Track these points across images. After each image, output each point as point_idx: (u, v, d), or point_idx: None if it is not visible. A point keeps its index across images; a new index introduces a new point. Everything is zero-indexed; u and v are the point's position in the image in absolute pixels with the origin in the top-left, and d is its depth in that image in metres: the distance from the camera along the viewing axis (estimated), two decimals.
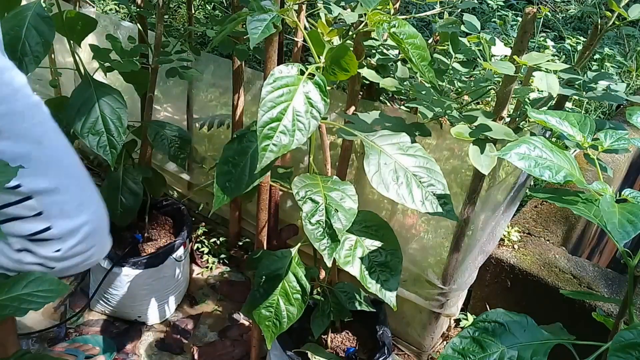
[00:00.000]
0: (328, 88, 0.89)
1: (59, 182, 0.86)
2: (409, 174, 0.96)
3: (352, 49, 1.28)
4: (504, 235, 1.63)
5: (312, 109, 0.87)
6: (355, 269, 1.03)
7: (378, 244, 1.06)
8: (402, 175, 0.95)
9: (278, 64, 1.30)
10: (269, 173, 1.13)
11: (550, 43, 2.94)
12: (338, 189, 0.96)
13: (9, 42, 1.17)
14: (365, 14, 0.93)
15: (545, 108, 1.18)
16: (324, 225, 0.91)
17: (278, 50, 1.32)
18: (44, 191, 0.84)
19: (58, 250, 0.86)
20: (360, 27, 0.96)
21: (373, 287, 1.02)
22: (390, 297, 1.02)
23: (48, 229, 0.85)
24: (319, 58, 0.94)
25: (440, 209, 0.94)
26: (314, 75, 0.89)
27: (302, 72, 0.88)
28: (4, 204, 0.82)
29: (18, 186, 0.81)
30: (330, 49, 0.94)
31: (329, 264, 0.93)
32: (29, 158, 0.82)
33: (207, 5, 3.20)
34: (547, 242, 1.65)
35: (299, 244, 1.16)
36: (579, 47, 3.13)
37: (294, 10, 0.94)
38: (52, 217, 0.85)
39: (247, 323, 1.73)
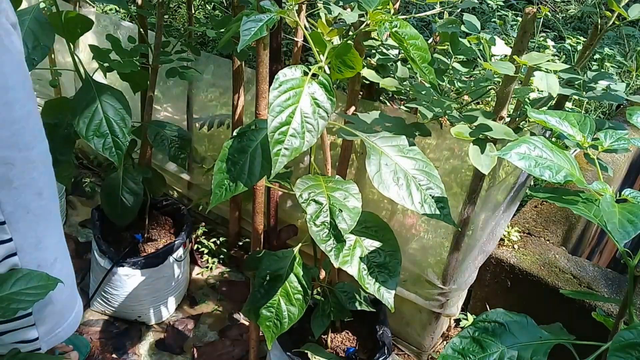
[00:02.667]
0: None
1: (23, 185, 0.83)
2: (408, 176, 0.96)
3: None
4: (504, 235, 1.63)
5: (319, 109, 0.87)
6: (353, 268, 1.03)
7: (377, 244, 1.06)
8: (402, 177, 0.96)
9: (275, 65, 1.32)
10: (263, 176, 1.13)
11: (550, 43, 2.93)
12: (341, 188, 0.96)
13: None
14: (365, 14, 0.93)
15: (545, 108, 1.18)
16: (329, 226, 0.91)
17: (275, 50, 1.33)
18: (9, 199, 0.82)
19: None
20: (362, 27, 0.96)
21: (371, 287, 1.02)
22: (388, 298, 1.02)
23: (10, 240, 0.83)
24: (321, 58, 0.94)
25: (438, 212, 0.95)
26: (317, 75, 0.89)
27: (305, 73, 0.88)
28: None
29: None
30: (333, 48, 0.94)
31: (336, 264, 0.93)
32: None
33: (207, 5, 3.20)
34: (547, 242, 1.65)
35: (300, 244, 1.16)
36: (579, 47, 3.12)
37: (294, 10, 0.94)
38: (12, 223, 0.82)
39: (247, 323, 1.73)
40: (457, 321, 1.72)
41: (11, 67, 0.76)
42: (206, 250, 1.97)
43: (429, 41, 1.47)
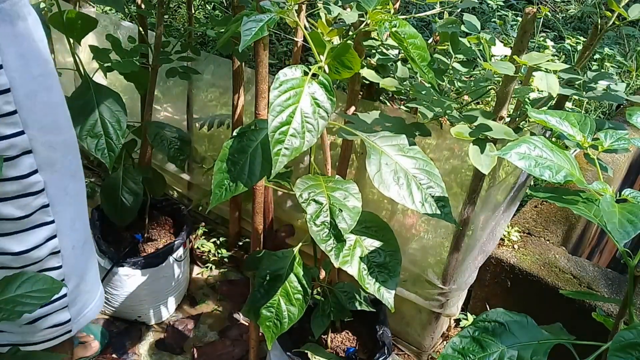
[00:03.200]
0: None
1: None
2: (409, 175, 0.96)
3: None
4: (504, 235, 1.63)
5: (319, 109, 0.88)
6: (353, 268, 1.02)
7: (377, 244, 1.06)
8: (403, 177, 0.96)
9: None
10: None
11: (550, 43, 2.93)
12: (341, 188, 0.96)
13: None
14: (365, 14, 0.93)
15: (545, 108, 1.18)
16: (329, 226, 0.91)
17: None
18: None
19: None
20: (362, 26, 0.96)
21: (371, 287, 1.02)
22: (388, 298, 1.02)
23: (52, 222, 0.84)
24: (321, 58, 0.94)
25: (439, 212, 0.95)
26: (317, 75, 0.89)
27: (305, 73, 0.88)
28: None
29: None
30: (332, 48, 0.94)
31: (337, 264, 0.93)
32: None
33: (207, 5, 3.20)
34: (547, 242, 1.65)
35: (300, 244, 1.16)
36: (579, 47, 3.13)
37: (294, 10, 0.94)
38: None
39: (247, 323, 1.73)
40: (457, 321, 1.72)
41: (47, 55, 0.80)
42: (206, 250, 1.97)
43: (429, 41, 1.47)
